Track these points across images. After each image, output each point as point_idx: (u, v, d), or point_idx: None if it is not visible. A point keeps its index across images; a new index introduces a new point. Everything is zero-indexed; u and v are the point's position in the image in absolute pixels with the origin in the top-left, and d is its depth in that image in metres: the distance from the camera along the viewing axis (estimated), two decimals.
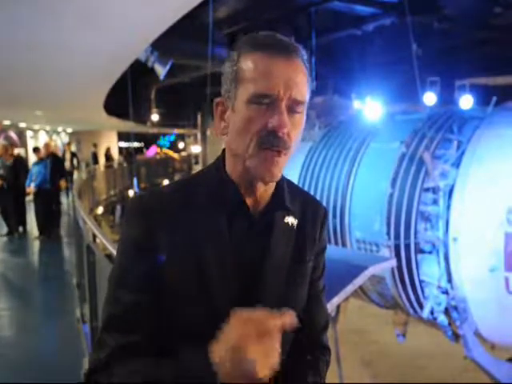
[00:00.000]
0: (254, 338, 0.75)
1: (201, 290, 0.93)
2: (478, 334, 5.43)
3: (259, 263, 0.98)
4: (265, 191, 1.01)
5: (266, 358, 0.75)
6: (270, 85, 0.90)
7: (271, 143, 0.91)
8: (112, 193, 15.35)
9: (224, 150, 1.04)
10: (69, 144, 13.16)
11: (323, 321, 1.17)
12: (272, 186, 1.02)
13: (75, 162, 17.06)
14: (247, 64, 0.93)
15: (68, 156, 17.02)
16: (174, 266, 0.92)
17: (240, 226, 0.98)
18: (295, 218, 1.05)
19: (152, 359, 0.87)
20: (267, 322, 0.77)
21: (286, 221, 1.03)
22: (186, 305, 0.93)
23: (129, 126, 15.22)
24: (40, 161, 9.51)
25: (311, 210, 1.11)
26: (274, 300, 0.98)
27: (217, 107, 1.00)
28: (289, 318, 0.79)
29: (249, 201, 1.00)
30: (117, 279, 0.96)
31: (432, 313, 5.69)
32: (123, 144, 28.91)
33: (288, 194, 1.04)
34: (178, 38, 7.62)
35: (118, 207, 14.62)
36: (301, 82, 0.93)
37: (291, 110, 0.92)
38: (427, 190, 5.61)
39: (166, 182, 20.15)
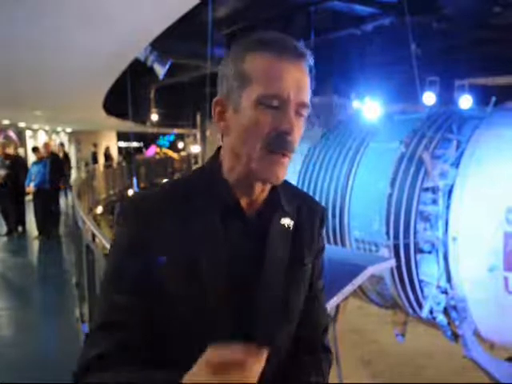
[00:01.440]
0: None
1: (195, 290, 0.91)
2: (477, 333, 5.43)
3: (255, 265, 0.97)
4: (261, 192, 1.00)
5: None
6: (281, 87, 0.89)
7: (280, 146, 0.91)
8: (111, 192, 15.35)
9: (219, 148, 1.03)
10: (62, 145, 13.10)
11: (324, 321, 1.16)
12: (268, 187, 1.01)
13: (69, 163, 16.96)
14: (255, 64, 0.91)
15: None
16: (167, 267, 0.91)
17: (235, 227, 0.96)
18: (291, 219, 1.04)
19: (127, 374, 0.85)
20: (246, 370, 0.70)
21: (282, 222, 1.02)
22: (180, 306, 0.91)
23: (128, 125, 15.21)
24: (39, 160, 9.50)
25: (308, 210, 1.10)
26: (272, 302, 0.98)
27: (215, 107, 0.97)
28: (263, 357, 0.73)
29: (244, 201, 0.99)
30: (110, 281, 0.95)
31: (431, 312, 5.69)
32: (122, 144, 28.91)
33: (284, 195, 1.03)
34: (177, 38, 7.61)
35: (118, 207, 14.60)
36: (307, 86, 0.94)
37: (297, 113, 0.92)
38: (426, 189, 5.61)
39: (165, 181, 20.13)
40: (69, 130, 22.63)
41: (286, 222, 1.03)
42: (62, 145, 13.40)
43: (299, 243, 1.05)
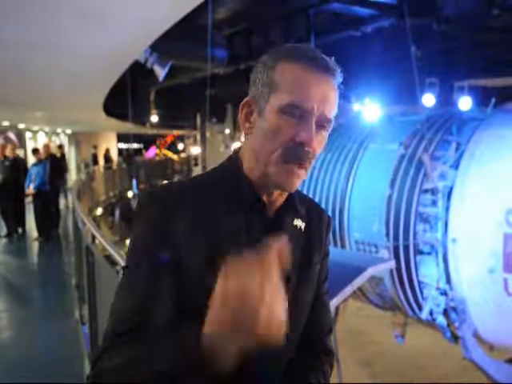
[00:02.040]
0: (251, 283, 0.68)
1: (213, 284, 0.92)
2: (476, 335, 5.44)
3: None
4: (279, 194, 1.02)
5: (271, 308, 0.68)
6: (306, 97, 0.91)
7: (297, 156, 0.93)
8: (111, 194, 15.35)
9: (240, 148, 1.06)
10: (60, 146, 13.09)
11: (328, 323, 1.18)
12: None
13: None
14: (285, 73, 0.93)
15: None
16: (188, 258, 0.91)
17: (255, 225, 0.98)
18: (303, 220, 1.07)
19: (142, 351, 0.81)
20: (263, 262, 0.70)
21: (295, 223, 1.05)
22: (197, 297, 0.90)
23: (128, 127, 15.22)
24: (39, 162, 9.49)
25: (316, 216, 1.13)
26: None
27: (242, 108, 1.00)
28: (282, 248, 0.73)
29: (264, 200, 1.01)
30: (130, 268, 0.93)
31: (431, 314, 5.69)
32: (122, 145, 28.92)
33: (298, 199, 1.07)
34: (177, 40, 7.62)
35: (118, 208, 14.62)
36: (333, 101, 0.95)
37: (319, 126, 0.94)
38: (426, 191, 5.61)
39: (165, 183, 20.10)
40: (69, 131, 22.63)
41: (298, 223, 1.06)
42: (60, 146, 13.39)
43: (309, 244, 1.08)
